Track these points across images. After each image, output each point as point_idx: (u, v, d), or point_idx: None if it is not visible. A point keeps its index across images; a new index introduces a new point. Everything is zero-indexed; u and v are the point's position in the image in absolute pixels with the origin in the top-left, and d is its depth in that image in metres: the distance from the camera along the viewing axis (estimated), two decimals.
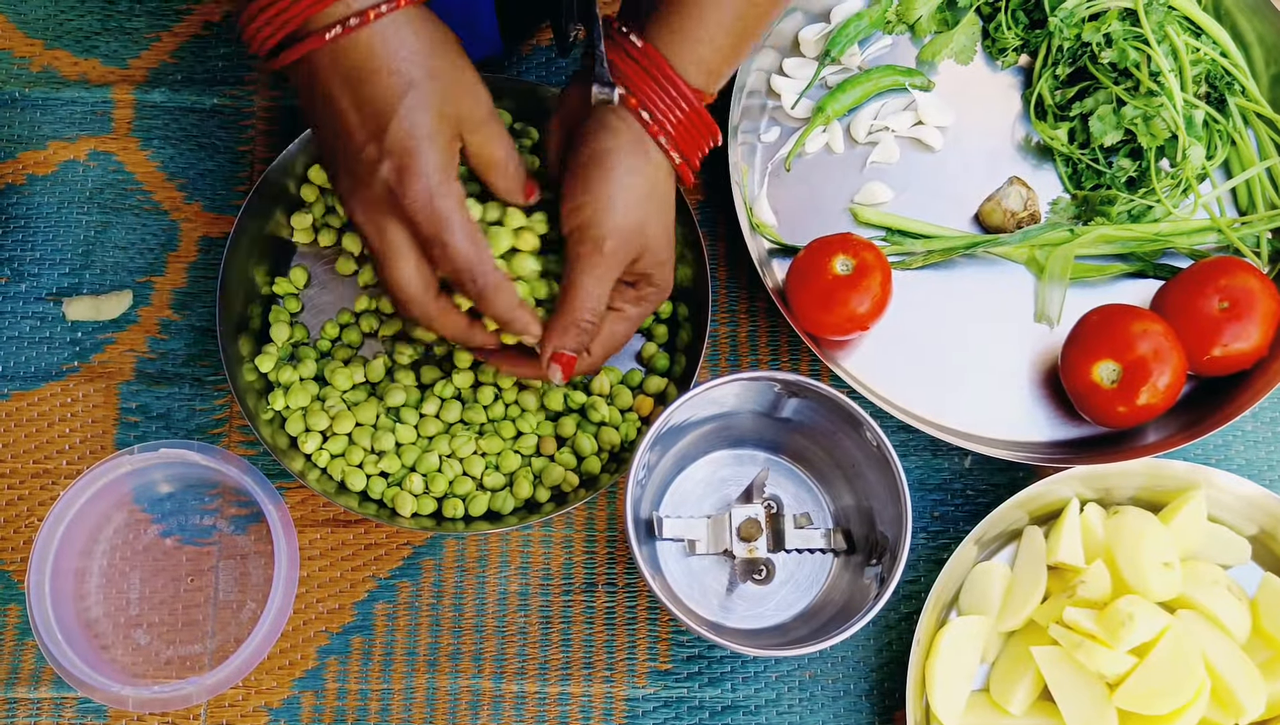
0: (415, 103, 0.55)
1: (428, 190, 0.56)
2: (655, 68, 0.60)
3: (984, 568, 0.71)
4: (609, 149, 0.61)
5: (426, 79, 0.56)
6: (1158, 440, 0.73)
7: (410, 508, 0.70)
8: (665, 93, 0.60)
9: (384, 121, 0.55)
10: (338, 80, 0.55)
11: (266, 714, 0.70)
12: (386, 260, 0.59)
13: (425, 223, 0.57)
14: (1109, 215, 0.78)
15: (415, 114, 0.55)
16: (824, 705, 0.71)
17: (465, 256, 0.58)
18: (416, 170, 0.56)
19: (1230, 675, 0.66)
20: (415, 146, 0.55)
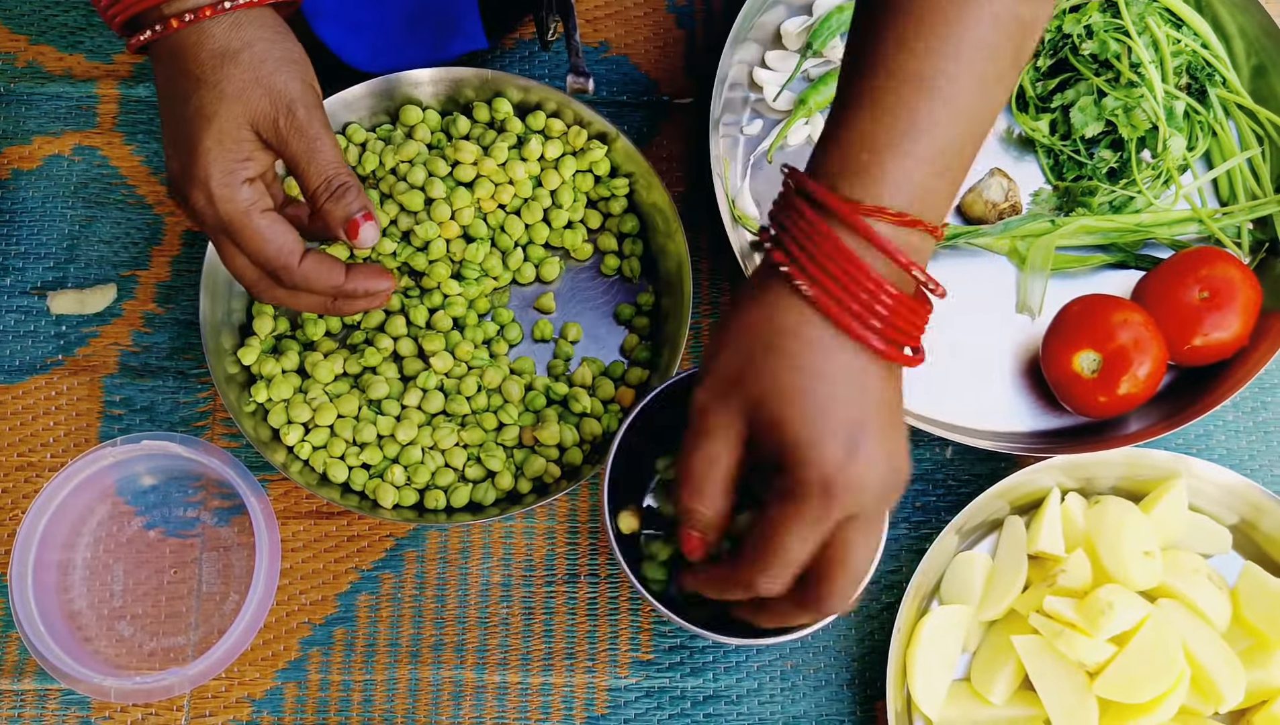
0: (200, 104, 0.54)
1: (207, 194, 0.55)
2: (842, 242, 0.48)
3: (965, 557, 0.71)
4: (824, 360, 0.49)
5: (215, 84, 0.54)
6: (1139, 430, 0.73)
7: (392, 499, 0.70)
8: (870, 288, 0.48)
9: (178, 121, 0.55)
10: (158, 79, 0.56)
11: (249, 705, 0.69)
12: (217, 250, 0.59)
13: (213, 223, 0.56)
14: (1090, 206, 0.77)
15: (198, 116, 0.55)
16: (805, 695, 0.70)
17: (262, 256, 0.57)
18: (195, 174, 0.55)
19: (1210, 664, 0.66)
20: (195, 149, 0.55)
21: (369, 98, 0.75)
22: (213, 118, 0.54)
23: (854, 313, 0.48)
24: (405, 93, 0.75)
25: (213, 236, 0.58)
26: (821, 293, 0.47)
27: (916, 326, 0.50)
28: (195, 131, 0.55)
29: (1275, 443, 0.76)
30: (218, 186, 0.55)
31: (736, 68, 0.80)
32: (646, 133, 0.80)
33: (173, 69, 0.55)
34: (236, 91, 0.54)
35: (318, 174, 0.57)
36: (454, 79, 0.75)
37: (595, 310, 0.76)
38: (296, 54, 0.57)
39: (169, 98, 0.56)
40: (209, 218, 0.56)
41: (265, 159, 0.57)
